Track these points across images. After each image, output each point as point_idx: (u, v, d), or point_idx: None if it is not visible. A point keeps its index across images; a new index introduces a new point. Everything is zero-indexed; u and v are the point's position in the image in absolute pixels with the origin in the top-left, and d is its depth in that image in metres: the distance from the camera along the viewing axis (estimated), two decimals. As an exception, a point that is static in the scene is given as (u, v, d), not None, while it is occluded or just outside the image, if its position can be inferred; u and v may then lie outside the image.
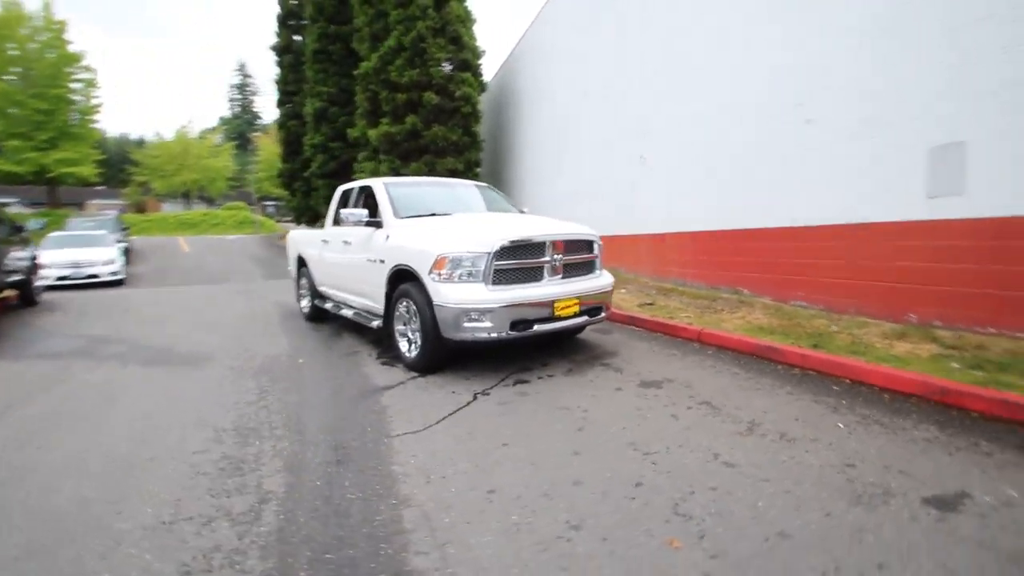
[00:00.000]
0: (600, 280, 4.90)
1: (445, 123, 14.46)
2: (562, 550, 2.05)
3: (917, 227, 4.94)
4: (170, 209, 43.92)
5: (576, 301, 4.50)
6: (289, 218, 25.25)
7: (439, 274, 4.21)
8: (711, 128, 7.45)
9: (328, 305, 6.58)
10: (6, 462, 2.98)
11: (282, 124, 20.44)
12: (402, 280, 4.72)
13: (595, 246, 4.94)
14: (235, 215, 35.47)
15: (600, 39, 10.25)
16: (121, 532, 2.24)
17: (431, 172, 14.40)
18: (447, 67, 14.04)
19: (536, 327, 4.28)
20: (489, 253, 4.16)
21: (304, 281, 7.44)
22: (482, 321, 4.07)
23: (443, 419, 3.45)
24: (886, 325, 4.98)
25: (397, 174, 14.59)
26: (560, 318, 4.41)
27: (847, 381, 3.87)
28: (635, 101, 9.18)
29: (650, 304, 6.82)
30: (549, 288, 4.42)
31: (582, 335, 5.57)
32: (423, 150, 14.64)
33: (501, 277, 4.24)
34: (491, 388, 4.04)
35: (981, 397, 3.18)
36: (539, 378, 4.25)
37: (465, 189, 6.15)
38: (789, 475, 2.57)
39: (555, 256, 4.50)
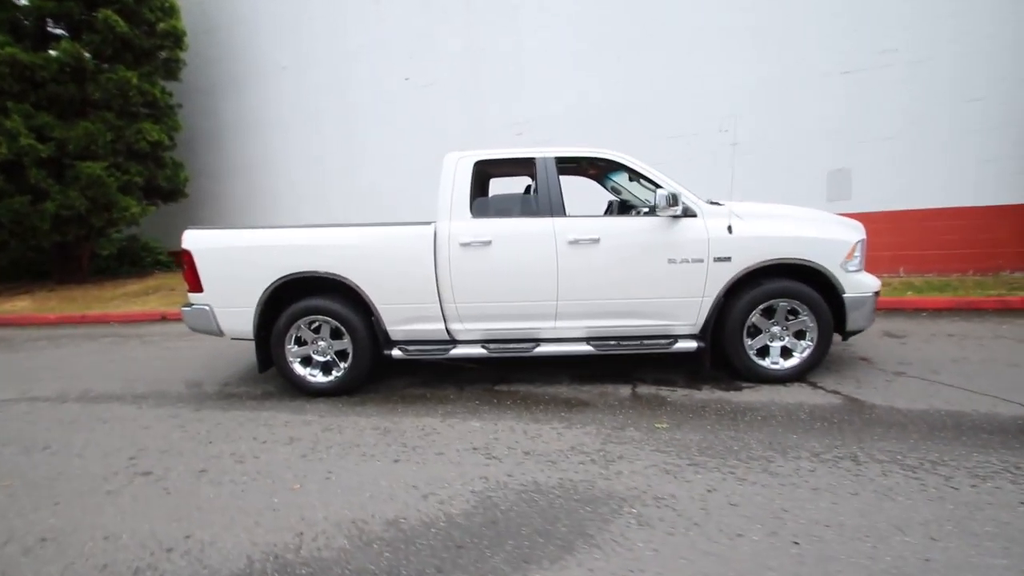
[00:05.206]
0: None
1: (137, 67, 9.05)
2: None
3: (821, 218, 7.81)
4: None
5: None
6: None
7: (849, 264, 3.86)
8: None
9: (460, 351, 3.99)
10: None
11: None
12: (742, 284, 3.84)
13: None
14: None
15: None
16: None
17: (118, 142, 8.80)
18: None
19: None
20: (863, 240, 4.14)
21: (301, 326, 3.99)
22: (872, 307, 4.06)
23: None
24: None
25: (42, 139, 8.13)
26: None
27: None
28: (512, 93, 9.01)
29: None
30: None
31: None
32: (93, 104, 8.70)
33: (855, 265, 4.26)
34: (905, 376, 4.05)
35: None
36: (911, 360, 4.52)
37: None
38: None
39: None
